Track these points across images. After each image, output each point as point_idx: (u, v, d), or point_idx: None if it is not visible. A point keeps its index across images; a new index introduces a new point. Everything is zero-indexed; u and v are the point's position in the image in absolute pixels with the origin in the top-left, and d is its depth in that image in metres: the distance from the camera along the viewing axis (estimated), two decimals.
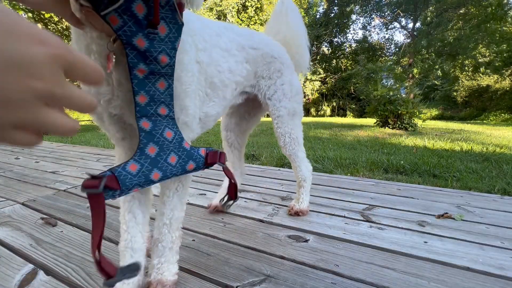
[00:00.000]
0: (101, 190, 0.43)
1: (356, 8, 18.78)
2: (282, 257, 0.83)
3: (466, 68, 16.10)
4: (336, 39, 20.76)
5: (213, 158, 0.60)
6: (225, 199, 0.75)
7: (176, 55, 0.51)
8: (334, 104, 18.85)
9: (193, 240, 0.93)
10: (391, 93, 6.53)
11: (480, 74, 16.33)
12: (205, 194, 1.41)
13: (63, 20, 8.09)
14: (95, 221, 0.42)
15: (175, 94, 0.55)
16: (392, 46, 19.51)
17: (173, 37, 0.49)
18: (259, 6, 14.96)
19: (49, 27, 8.05)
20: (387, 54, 19.38)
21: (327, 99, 19.12)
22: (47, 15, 7.38)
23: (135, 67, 0.47)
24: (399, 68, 13.32)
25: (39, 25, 7.31)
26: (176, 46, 0.50)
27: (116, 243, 0.91)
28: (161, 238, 0.65)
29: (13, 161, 2.30)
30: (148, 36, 0.46)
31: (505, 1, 12.32)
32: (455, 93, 19.28)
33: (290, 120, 1.04)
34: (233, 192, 0.72)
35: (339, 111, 18.85)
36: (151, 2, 0.43)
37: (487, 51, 14.13)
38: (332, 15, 19.76)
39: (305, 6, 19.13)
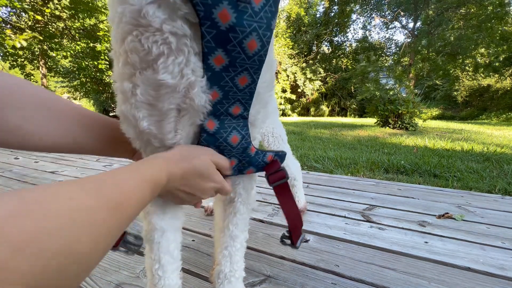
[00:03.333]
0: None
1: (357, 8, 18.76)
2: (282, 257, 0.82)
3: (466, 68, 16.07)
4: (336, 39, 20.75)
5: (271, 167, 0.52)
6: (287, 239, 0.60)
7: (271, 39, 0.36)
8: (334, 103, 18.85)
9: (193, 240, 0.92)
10: (387, 92, 6.52)
11: (481, 74, 16.31)
12: None
13: (64, 19, 8.08)
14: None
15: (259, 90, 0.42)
16: (392, 45, 19.51)
17: (270, 12, 0.34)
18: None
19: (49, 26, 8.03)
20: (387, 53, 19.36)
21: (327, 98, 19.11)
22: (47, 11, 7.34)
23: (211, 54, 0.34)
24: (399, 67, 13.32)
25: (38, 17, 7.22)
26: (273, 26, 0.35)
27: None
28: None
29: (12, 161, 2.30)
30: (237, 6, 0.31)
31: (506, 1, 12.30)
32: (455, 93, 19.26)
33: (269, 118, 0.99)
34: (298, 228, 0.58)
35: (339, 111, 18.85)
36: None
37: (487, 51, 14.11)
38: (332, 14, 19.75)
39: (305, 6, 19.12)
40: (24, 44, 5.93)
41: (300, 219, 0.56)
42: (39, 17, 7.25)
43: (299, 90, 18.04)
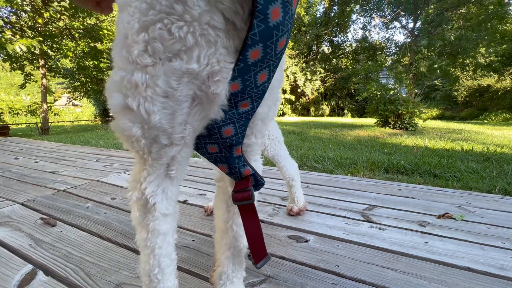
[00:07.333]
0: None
1: (357, 8, 18.76)
2: (282, 258, 0.82)
3: (467, 68, 16.07)
4: (336, 39, 20.74)
5: (241, 184, 0.50)
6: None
7: (289, 39, 0.39)
8: (334, 103, 18.84)
9: (193, 240, 0.92)
10: (387, 92, 6.52)
11: (480, 74, 16.31)
12: (205, 194, 1.41)
13: (64, 19, 8.08)
14: None
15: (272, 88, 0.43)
16: (392, 45, 19.49)
17: (292, 16, 0.37)
18: None
19: (49, 26, 8.02)
20: (387, 53, 19.34)
21: (326, 98, 19.11)
22: (46, 14, 7.33)
23: (252, 47, 0.34)
24: (399, 67, 13.30)
25: (39, 20, 7.25)
26: (291, 28, 0.38)
27: (116, 243, 0.91)
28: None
29: (12, 161, 2.30)
30: (285, 7, 0.33)
31: (506, 1, 12.30)
32: (455, 93, 19.26)
33: None
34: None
35: (339, 111, 18.84)
36: None
37: (487, 52, 14.12)
38: (332, 14, 19.74)
39: (305, 5, 19.10)
40: (24, 49, 5.93)
41: (261, 241, 0.52)
42: (40, 20, 7.23)
43: (299, 90, 18.03)
